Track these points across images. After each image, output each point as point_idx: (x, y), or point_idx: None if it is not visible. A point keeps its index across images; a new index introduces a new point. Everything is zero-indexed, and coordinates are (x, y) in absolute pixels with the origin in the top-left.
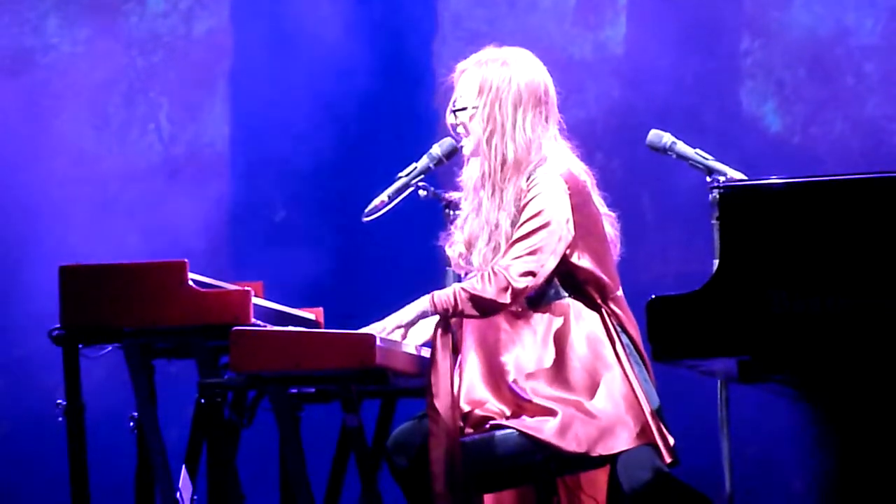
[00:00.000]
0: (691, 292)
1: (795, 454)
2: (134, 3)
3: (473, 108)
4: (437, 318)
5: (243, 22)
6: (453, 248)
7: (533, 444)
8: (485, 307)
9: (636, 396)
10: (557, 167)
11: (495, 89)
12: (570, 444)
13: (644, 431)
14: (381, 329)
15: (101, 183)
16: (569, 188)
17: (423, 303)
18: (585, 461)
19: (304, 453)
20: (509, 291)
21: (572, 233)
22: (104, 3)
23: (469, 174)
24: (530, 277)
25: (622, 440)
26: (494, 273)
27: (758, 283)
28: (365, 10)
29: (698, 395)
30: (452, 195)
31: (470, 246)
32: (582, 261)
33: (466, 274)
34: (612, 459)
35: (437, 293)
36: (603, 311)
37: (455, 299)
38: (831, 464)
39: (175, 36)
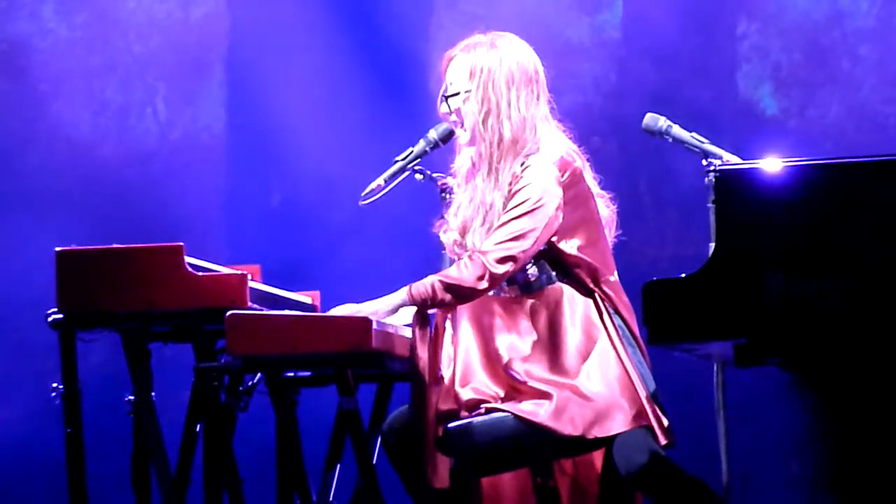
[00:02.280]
0: (687, 276)
1: (792, 437)
2: None
3: (466, 91)
4: (415, 308)
5: (240, 6)
6: (448, 234)
7: (528, 428)
8: (462, 294)
9: (630, 378)
10: (550, 155)
11: (487, 70)
12: (566, 428)
13: (639, 413)
14: (354, 311)
15: (99, 167)
16: (561, 175)
17: (400, 294)
18: (581, 444)
19: (300, 437)
20: (486, 277)
21: (560, 220)
22: None
23: (461, 163)
24: (510, 263)
25: (618, 423)
26: (472, 259)
27: (754, 266)
28: None
29: (694, 379)
30: (448, 179)
31: (464, 231)
32: (572, 247)
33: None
34: (607, 442)
35: (414, 284)
36: (595, 294)
37: (432, 290)
38: (829, 446)
39: (172, 21)
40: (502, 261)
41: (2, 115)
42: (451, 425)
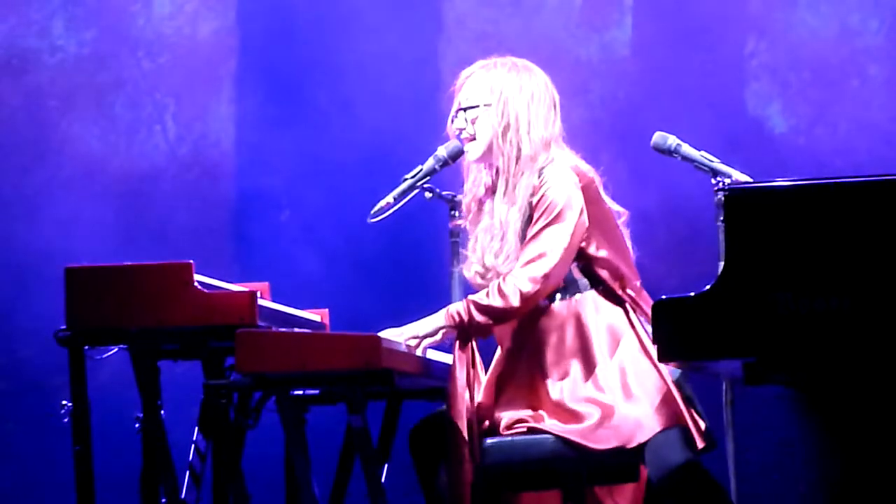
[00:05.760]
0: (697, 294)
1: (801, 456)
2: (140, 5)
3: (486, 105)
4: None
5: (248, 23)
6: (470, 268)
7: (566, 447)
8: (497, 316)
9: (667, 384)
10: (566, 162)
11: (508, 88)
12: (605, 444)
13: (675, 415)
14: (397, 334)
15: (108, 184)
16: (579, 181)
17: (439, 317)
18: (618, 465)
19: (309, 454)
20: (518, 297)
21: (587, 224)
22: (110, 4)
23: (472, 195)
24: (542, 281)
25: (655, 424)
26: (504, 281)
27: (763, 284)
28: (369, 10)
29: (703, 396)
30: (458, 197)
31: (483, 257)
32: (600, 251)
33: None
34: (642, 457)
35: (451, 307)
36: (625, 302)
37: (467, 312)
38: (837, 465)
39: (181, 37)
40: (535, 280)
41: (12, 130)
42: (487, 442)
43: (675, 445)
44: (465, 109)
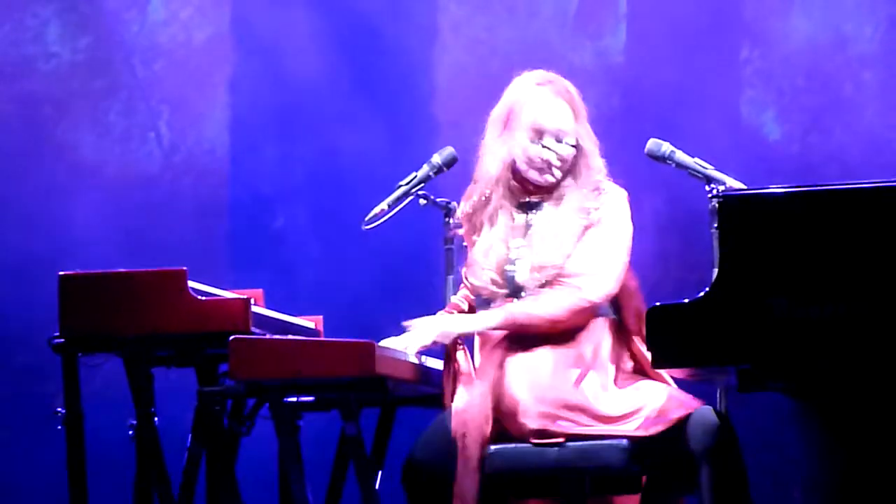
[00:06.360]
0: (691, 301)
1: (795, 462)
2: (134, 12)
3: (576, 133)
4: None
5: (243, 30)
6: (483, 274)
7: (574, 455)
8: (545, 325)
9: (679, 391)
10: (622, 191)
11: (583, 112)
12: (656, 426)
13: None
14: (442, 324)
15: (102, 191)
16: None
17: (492, 317)
18: (627, 475)
19: (303, 462)
20: (578, 308)
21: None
22: (105, 11)
23: (477, 211)
24: (606, 291)
25: (693, 403)
26: (565, 290)
27: (757, 291)
28: (364, 18)
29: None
30: (452, 203)
31: (502, 269)
32: (631, 281)
33: (489, 301)
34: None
35: (510, 307)
36: (633, 334)
37: (528, 318)
38: (831, 472)
39: (175, 44)
40: (598, 289)
41: (7, 136)
42: (491, 449)
43: (714, 414)
44: (558, 140)
